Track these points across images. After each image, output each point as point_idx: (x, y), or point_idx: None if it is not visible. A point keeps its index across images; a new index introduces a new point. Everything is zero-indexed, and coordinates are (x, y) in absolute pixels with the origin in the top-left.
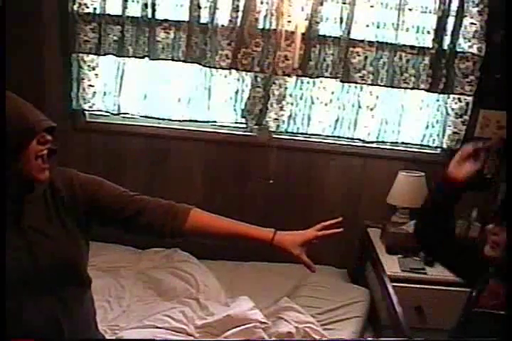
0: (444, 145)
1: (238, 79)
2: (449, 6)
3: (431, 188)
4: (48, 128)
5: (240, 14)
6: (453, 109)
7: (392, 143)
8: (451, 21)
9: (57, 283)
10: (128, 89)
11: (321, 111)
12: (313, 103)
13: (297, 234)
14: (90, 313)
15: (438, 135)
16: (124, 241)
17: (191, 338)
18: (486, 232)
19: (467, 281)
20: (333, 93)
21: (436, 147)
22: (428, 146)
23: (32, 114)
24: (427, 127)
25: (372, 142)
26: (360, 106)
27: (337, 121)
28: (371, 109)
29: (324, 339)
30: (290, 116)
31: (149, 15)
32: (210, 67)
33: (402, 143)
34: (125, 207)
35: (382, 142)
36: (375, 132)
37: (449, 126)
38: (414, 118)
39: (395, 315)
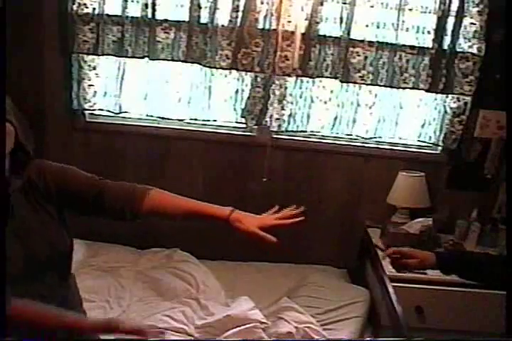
0: (441, 144)
1: (238, 79)
2: (449, 6)
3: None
4: None
5: (239, 14)
6: (451, 108)
7: (390, 143)
8: (451, 21)
9: (45, 270)
10: (128, 89)
11: (320, 109)
12: (312, 101)
13: (256, 218)
14: (78, 300)
15: (435, 133)
16: (124, 241)
17: (191, 338)
18: None
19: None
20: (332, 92)
21: (433, 144)
22: (428, 146)
23: None
24: (424, 125)
25: (369, 138)
26: (358, 105)
27: (336, 119)
28: (369, 107)
29: (324, 339)
30: (290, 114)
31: (149, 16)
32: (210, 67)
33: (401, 140)
34: (89, 189)
35: (380, 138)
36: (373, 130)
37: (447, 125)
38: (412, 117)
39: (395, 315)
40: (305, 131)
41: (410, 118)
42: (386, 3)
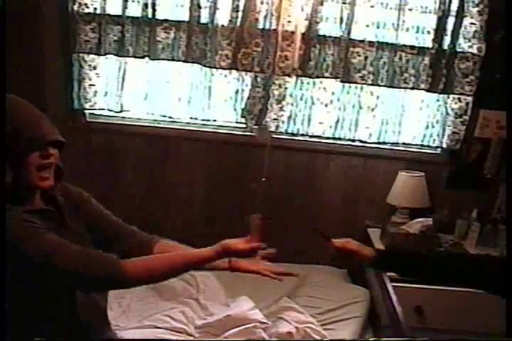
0: (444, 145)
1: (238, 79)
2: (449, 6)
3: None
4: (54, 142)
5: (240, 14)
6: (453, 109)
7: (390, 143)
8: (451, 21)
9: None
10: (129, 89)
11: (322, 111)
12: (313, 103)
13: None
14: None
15: (438, 135)
16: None
17: (191, 338)
18: None
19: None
20: (333, 93)
21: (437, 147)
22: (428, 146)
23: (44, 125)
24: (427, 127)
25: (373, 143)
26: (360, 107)
27: (337, 122)
28: (372, 110)
29: (324, 339)
30: (290, 116)
31: (149, 15)
32: (210, 67)
33: (403, 143)
34: None
35: (384, 143)
36: (377, 133)
37: (449, 126)
38: (415, 119)
39: (395, 315)
40: (306, 134)
41: (413, 120)
42: (386, 3)
